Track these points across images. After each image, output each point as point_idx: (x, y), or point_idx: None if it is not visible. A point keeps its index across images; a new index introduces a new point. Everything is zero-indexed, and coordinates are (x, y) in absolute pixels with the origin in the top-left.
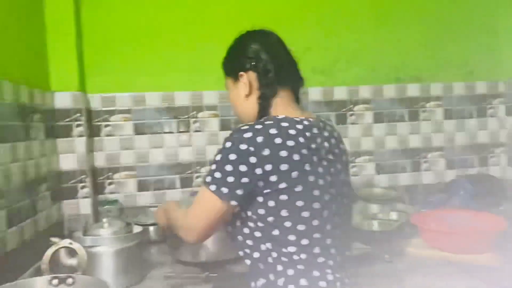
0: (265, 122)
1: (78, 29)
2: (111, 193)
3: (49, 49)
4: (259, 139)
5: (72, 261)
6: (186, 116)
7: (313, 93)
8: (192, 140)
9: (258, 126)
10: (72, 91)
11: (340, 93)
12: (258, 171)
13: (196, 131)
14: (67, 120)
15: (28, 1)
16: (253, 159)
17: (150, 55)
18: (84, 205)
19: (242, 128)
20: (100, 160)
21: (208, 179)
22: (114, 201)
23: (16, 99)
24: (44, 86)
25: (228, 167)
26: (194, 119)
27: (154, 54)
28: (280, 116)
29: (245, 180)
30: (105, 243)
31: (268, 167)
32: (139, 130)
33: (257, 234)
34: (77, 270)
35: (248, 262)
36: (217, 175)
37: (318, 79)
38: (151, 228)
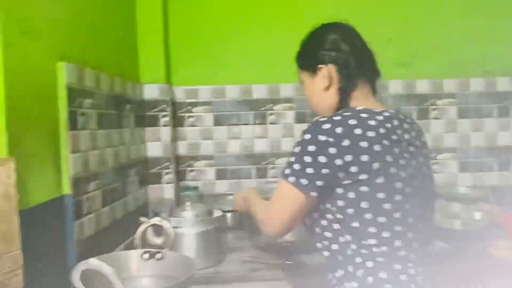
0: (344, 113)
1: (165, 25)
2: (192, 180)
3: (139, 44)
4: (338, 130)
5: (158, 240)
6: (263, 109)
7: (393, 86)
8: (268, 132)
9: (337, 118)
10: (159, 84)
11: (422, 86)
12: (338, 162)
13: (272, 123)
14: (155, 110)
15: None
16: (332, 150)
17: (230, 49)
18: (167, 190)
19: (321, 119)
20: (182, 149)
21: (287, 171)
22: (194, 188)
23: (111, 90)
24: (135, 78)
25: (307, 159)
26: (270, 112)
27: (233, 48)
28: (359, 108)
29: (325, 171)
30: (188, 224)
31: (348, 157)
32: (218, 122)
33: (336, 226)
34: (162, 247)
35: (326, 253)
36: (296, 166)
37: (399, 71)
38: (229, 215)
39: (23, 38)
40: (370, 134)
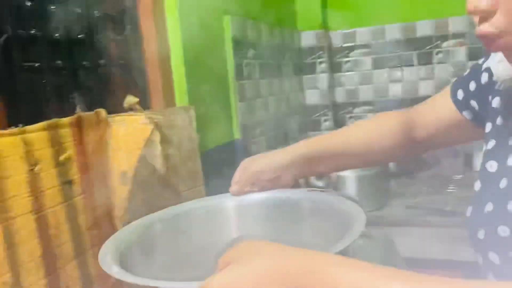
0: None
1: None
2: None
3: None
4: None
5: (319, 183)
6: (428, 47)
7: None
8: (434, 73)
9: None
10: (316, 30)
11: None
12: None
13: (439, 62)
14: (312, 57)
15: None
16: None
17: None
18: None
19: None
20: (341, 96)
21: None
22: None
23: (271, 39)
24: (292, 26)
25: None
26: (437, 50)
27: None
28: None
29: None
30: None
31: None
32: (378, 65)
33: None
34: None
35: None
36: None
37: None
38: None
39: None
40: None
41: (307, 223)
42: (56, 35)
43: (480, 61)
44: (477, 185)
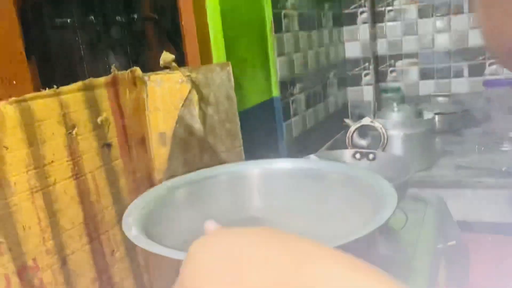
0: None
1: None
2: (393, 81)
3: None
4: None
5: (363, 141)
6: None
7: None
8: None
9: None
10: None
11: None
12: None
13: None
14: (352, 7)
15: None
16: None
17: None
18: (367, 92)
19: None
20: (382, 48)
21: None
22: (397, 89)
23: None
24: None
25: None
26: None
27: None
28: None
29: None
30: (396, 126)
31: None
32: (423, 13)
33: None
34: (367, 148)
35: None
36: None
37: None
38: (437, 117)
39: None
40: None
41: (335, 195)
42: None
43: None
44: None
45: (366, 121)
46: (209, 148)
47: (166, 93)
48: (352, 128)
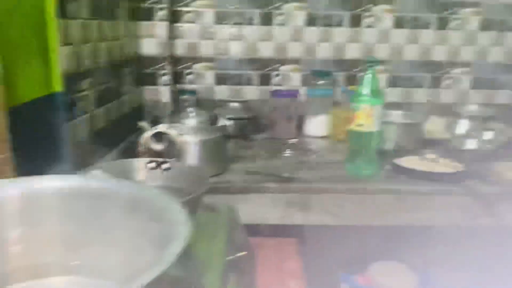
0: None
1: None
2: (190, 83)
3: None
4: None
5: (158, 146)
6: (270, 7)
7: None
8: (273, 35)
9: None
10: None
11: None
12: None
13: (279, 24)
14: (150, 1)
15: None
16: None
17: None
18: (164, 93)
19: None
20: (180, 49)
21: None
22: (193, 92)
23: None
24: None
25: None
26: (278, 11)
27: None
28: None
29: None
30: (192, 132)
31: None
32: (219, 19)
33: None
34: (163, 155)
35: None
36: None
37: None
38: (230, 122)
39: None
40: None
41: (120, 222)
42: None
43: None
44: None
45: (162, 128)
46: None
47: None
48: (146, 135)
